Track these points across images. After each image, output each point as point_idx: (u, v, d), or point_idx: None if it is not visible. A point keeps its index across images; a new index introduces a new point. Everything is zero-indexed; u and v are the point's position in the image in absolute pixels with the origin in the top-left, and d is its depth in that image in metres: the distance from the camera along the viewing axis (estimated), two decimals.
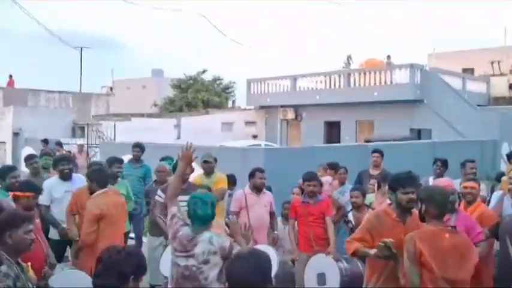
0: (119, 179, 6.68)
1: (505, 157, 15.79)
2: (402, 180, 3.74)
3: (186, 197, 5.76)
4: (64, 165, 5.99)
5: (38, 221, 4.55)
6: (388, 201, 4.05)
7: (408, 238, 3.43)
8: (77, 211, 5.47)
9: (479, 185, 4.99)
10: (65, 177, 5.92)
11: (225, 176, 6.75)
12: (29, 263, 3.38)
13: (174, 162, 6.28)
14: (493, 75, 24.10)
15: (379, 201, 5.74)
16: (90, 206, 4.94)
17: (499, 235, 4.24)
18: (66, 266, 5.20)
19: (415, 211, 3.72)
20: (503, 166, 15.69)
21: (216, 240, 3.63)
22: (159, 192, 5.89)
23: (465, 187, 4.87)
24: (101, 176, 5.19)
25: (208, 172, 6.61)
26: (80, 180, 5.97)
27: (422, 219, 3.56)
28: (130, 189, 6.89)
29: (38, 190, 4.61)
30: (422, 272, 3.34)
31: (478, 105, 18.96)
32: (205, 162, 6.63)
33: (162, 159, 7.40)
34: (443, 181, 4.62)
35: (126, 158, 9.00)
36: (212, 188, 6.52)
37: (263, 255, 2.47)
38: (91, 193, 5.10)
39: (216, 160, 6.75)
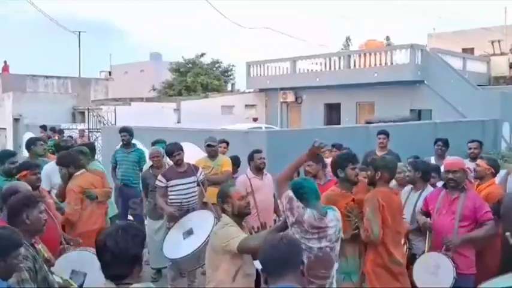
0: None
1: (506, 137, 15.89)
2: (351, 158, 4.36)
3: (184, 180, 5.87)
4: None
5: (51, 201, 4.61)
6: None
7: (370, 196, 4.09)
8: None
9: (492, 165, 5.04)
10: None
11: (229, 158, 6.77)
12: (40, 245, 3.44)
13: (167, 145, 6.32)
14: (494, 54, 24.00)
15: None
16: (71, 185, 5.13)
17: (501, 213, 4.25)
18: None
19: (361, 182, 4.40)
20: (504, 146, 15.75)
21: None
22: (160, 177, 5.92)
23: (476, 164, 5.10)
24: (74, 158, 5.35)
25: (213, 155, 6.64)
26: None
27: (374, 184, 4.20)
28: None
29: (32, 167, 4.69)
30: (386, 229, 3.98)
31: (479, 85, 18.89)
32: (209, 146, 6.64)
33: (154, 143, 7.28)
34: (454, 159, 4.65)
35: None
36: (217, 171, 6.56)
37: (294, 238, 2.66)
38: (70, 176, 5.23)
39: (227, 143, 6.71)
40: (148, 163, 7.10)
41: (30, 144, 6.71)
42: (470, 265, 4.27)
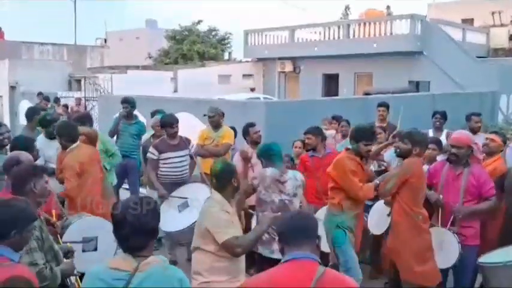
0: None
1: (503, 109, 15.89)
2: (366, 135, 4.57)
3: (176, 153, 5.86)
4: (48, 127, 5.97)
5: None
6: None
7: (409, 162, 4.32)
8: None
9: (503, 140, 5.10)
10: (50, 136, 5.85)
11: (231, 130, 6.73)
12: (53, 211, 3.48)
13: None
14: (494, 26, 23.77)
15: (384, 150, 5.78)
16: (70, 161, 4.84)
17: (505, 187, 4.27)
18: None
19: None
20: (501, 118, 15.78)
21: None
22: (151, 149, 5.89)
23: (485, 138, 5.11)
24: (69, 130, 5.09)
25: (215, 126, 6.59)
26: None
27: (407, 156, 4.34)
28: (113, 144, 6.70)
29: (28, 145, 4.60)
30: (408, 191, 4.25)
31: (478, 57, 18.77)
32: (208, 117, 6.60)
33: (154, 112, 7.18)
34: (462, 134, 4.66)
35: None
36: (218, 142, 6.55)
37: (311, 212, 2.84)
38: (64, 149, 5.01)
39: (223, 114, 6.66)
40: (149, 132, 7.08)
41: (34, 113, 6.62)
42: (476, 236, 4.37)
